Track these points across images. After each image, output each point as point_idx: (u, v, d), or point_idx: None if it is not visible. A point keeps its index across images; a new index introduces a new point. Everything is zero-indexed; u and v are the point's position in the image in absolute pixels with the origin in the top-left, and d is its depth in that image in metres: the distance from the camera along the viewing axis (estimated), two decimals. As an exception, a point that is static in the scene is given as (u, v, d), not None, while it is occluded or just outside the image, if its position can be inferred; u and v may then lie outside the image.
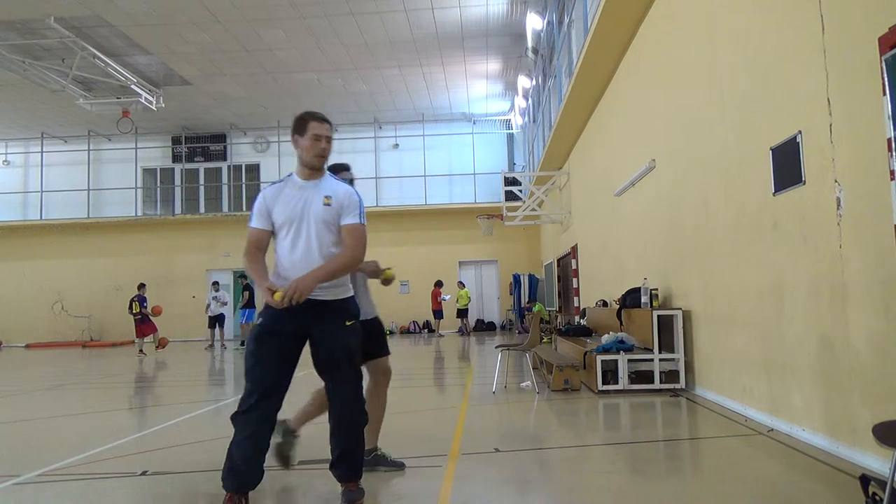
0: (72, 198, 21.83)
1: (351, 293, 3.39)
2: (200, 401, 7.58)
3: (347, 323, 3.30)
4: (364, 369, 3.67)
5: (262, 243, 3.28)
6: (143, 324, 15.29)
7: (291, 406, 3.56)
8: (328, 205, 3.23)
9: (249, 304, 16.62)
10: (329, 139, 3.28)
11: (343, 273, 3.26)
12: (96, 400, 8.15)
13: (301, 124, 3.29)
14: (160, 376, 11.07)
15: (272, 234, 3.29)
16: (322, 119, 3.31)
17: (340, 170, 3.76)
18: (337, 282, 3.26)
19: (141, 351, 15.26)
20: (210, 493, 3.62)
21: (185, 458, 4.44)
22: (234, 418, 3.14)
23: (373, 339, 3.85)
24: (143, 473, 4.04)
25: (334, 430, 3.28)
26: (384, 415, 4.00)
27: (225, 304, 16.95)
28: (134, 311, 15.21)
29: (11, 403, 7.99)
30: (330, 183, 3.33)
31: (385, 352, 4.01)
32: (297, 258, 3.20)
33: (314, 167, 3.28)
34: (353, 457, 3.27)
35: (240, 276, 17.61)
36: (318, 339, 3.25)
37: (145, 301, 15.43)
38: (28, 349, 19.98)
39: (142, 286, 15.84)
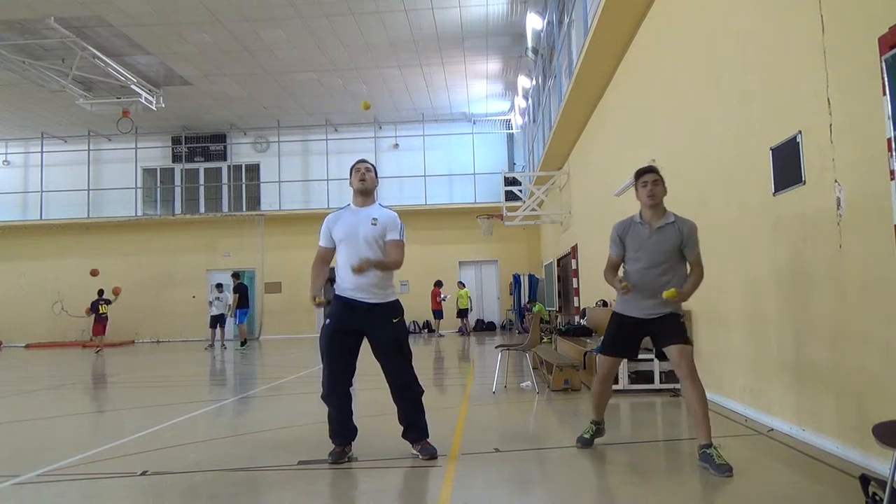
0: (72, 198, 21.82)
1: (395, 297, 4.20)
2: (200, 401, 7.58)
3: (394, 320, 4.14)
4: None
5: (327, 258, 4.25)
6: (101, 323, 17.29)
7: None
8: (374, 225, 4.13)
9: (241, 304, 16.70)
10: (368, 169, 4.22)
11: (386, 268, 4.12)
12: (96, 400, 8.15)
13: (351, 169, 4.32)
14: (160, 377, 11.07)
15: (334, 249, 4.21)
16: (361, 161, 4.34)
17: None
18: (385, 287, 4.11)
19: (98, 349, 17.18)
20: (210, 493, 3.62)
21: (185, 458, 4.44)
22: (324, 399, 4.12)
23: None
24: (143, 473, 4.03)
25: (399, 403, 4.16)
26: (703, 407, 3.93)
27: (229, 305, 17.00)
28: (101, 313, 17.13)
29: (11, 403, 7.99)
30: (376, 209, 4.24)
31: None
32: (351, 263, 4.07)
33: (357, 193, 4.21)
34: (418, 421, 4.15)
35: (232, 274, 17.62)
36: (373, 333, 4.11)
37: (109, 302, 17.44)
38: (28, 349, 19.97)
39: (101, 291, 17.58)
